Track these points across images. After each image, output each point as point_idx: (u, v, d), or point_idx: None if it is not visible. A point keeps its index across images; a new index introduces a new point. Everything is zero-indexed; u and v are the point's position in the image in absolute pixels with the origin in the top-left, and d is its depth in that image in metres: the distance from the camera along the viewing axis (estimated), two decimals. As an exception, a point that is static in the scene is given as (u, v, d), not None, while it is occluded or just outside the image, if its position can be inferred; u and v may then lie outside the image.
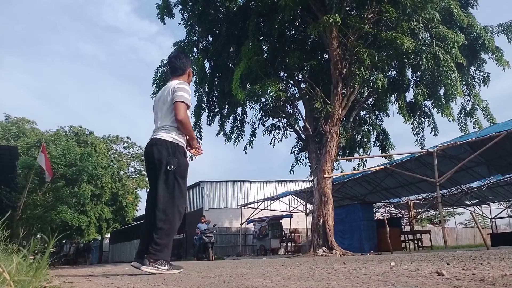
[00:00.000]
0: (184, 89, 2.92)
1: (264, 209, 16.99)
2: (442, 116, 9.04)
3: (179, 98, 2.85)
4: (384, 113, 11.40)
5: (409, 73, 10.28)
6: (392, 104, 11.11)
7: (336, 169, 11.56)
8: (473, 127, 9.96)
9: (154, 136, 2.90)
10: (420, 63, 8.39)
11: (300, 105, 10.84)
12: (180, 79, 3.11)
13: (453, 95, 8.17)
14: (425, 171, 11.03)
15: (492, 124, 9.68)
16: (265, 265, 3.51)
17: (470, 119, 10.00)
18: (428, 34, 8.79)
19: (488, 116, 9.75)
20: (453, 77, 7.95)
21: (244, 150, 11.80)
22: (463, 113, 10.15)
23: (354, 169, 11.61)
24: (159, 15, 10.86)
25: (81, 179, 16.64)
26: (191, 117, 10.61)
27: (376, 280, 1.45)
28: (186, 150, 3.00)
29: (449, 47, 8.12)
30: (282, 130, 11.64)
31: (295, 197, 17.32)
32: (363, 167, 11.73)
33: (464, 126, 10.05)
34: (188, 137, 3.03)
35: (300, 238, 19.39)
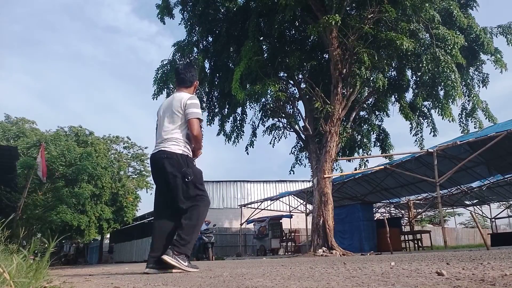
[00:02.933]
0: (197, 105, 3.04)
1: (264, 209, 17.00)
2: (443, 119, 9.05)
3: (194, 115, 2.96)
4: (384, 113, 11.40)
5: (409, 73, 10.29)
6: (392, 104, 11.13)
7: (336, 170, 11.56)
8: (474, 127, 9.97)
9: (163, 148, 2.96)
10: (420, 65, 8.40)
11: (300, 105, 10.85)
12: (187, 90, 3.21)
13: (453, 96, 8.17)
14: (425, 171, 11.04)
15: (493, 123, 9.68)
16: (265, 265, 3.51)
17: (471, 120, 10.00)
18: (428, 35, 8.79)
19: (489, 116, 9.76)
20: (454, 79, 7.95)
21: (245, 150, 11.82)
22: (464, 113, 10.15)
23: (356, 169, 11.61)
24: (159, 15, 10.84)
25: (81, 179, 16.64)
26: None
27: (376, 280, 1.45)
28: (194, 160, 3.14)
29: (449, 48, 8.12)
30: (282, 130, 11.64)
31: (295, 197, 17.32)
32: (364, 167, 11.74)
33: (465, 126, 10.04)
34: (195, 147, 3.15)
35: (300, 238, 19.39)
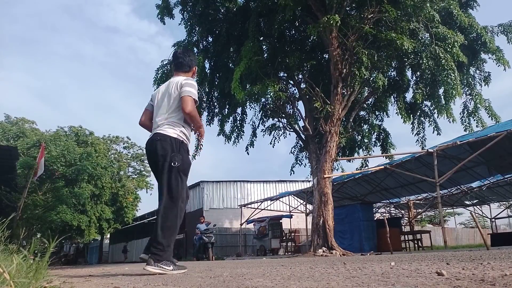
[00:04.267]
0: (192, 85, 2.92)
1: (264, 209, 16.99)
2: (438, 117, 9.07)
3: (187, 93, 2.84)
4: (384, 113, 11.40)
5: (409, 73, 10.29)
6: (392, 104, 11.13)
7: (337, 169, 11.56)
8: (477, 126, 9.94)
9: (158, 131, 2.86)
10: (420, 62, 8.39)
11: (300, 105, 10.85)
12: (184, 75, 3.10)
13: (453, 95, 8.16)
14: (425, 171, 11.03)
15: (496, 122, 9.65)
16: (265, 265, 3.51)
17: (473, 118, 9.97)
18: (428, 34, 8.79)
19: (492, 114, 9.72)
20: (453, 77, 7.95)
21: (246, 150, 11.82)
22: (466, 112, 10.12)
23: (357, 169, 11.63)
24: (159, 15, 10.84)
25: (81, 179, 16.64)
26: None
27: (376, 280, 1.45)
28: (189, 149, 2.99)
29: (450, 46, 8.12)
30: (282, 130, 11.64)
31: (295, 197, 17.32)
32: (365, 167, 11.75)
33: (468, 125, 10.01)
34: (194, 126, 3.03)
35: (300, 238, 19.39)
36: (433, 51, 8.17)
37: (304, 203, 15.10)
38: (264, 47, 10.50)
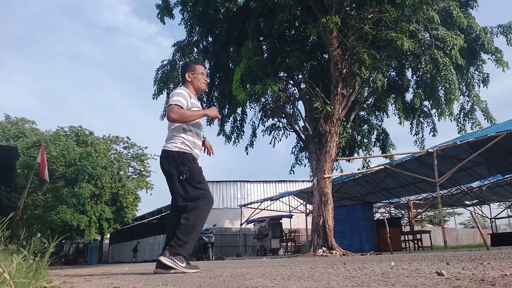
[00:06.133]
0: (176, 93, 3.03)
1: (264, 209, 16.99)
2: (439, 120, 9.08)
3: (169, 102, 2.98)
4: (384, 113, 11.41)
5: (408, 73, 10.30)
6: (391, 104, 11.13)
7: (336, 169, 11.56)
8: (471, 128, 9.97)
9: (163, 148, 3.02)
10: (419, 66, 8.40)
11: (300, 105, 10.85)
12: (183, 86, 3.27)
13: (451, 98, 8.17)
14: (425, 171, 11.04)
15: (492, 124, 9.67)
16: (265, 265, 3.51)
17: (468, 121, 9.99)
18: (428, 35, 8.80)
19: (488, 116, 9.75)
20: (452, 81, 7.95)
21: (245, 150, 11.82)
22: (462, 113, 10.14)
23: (359, 169, 11.64)
24: (159, 15, 10.85)
25: (81, 179, 16.64)
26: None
27: (376, 280, 1.45)
28: (194, 156, 3.01)
29: (449, 48, 8.12)
30: (282, 130, 11.65)
31: (295, 197, 17.33)
32: (368, 167, 11.75)
33: (462, 126, 10.03)
34: (203, 117, 3.12)
35: (300, 238, 19.40)
36: (432, 54, 8.17)
37: (304, 203, 15.11)
38: (264, 47, 10.50)
